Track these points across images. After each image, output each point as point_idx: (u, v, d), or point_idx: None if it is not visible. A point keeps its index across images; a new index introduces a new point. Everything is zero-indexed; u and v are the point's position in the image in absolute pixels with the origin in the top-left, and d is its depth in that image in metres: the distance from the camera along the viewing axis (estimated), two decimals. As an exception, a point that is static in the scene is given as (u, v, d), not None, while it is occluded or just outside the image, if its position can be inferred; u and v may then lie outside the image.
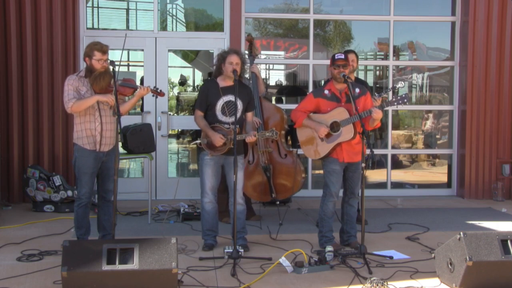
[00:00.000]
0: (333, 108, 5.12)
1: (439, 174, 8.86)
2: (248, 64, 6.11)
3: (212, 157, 5.13)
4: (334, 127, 5.11)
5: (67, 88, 4.90)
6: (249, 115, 5.27)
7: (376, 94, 5.86)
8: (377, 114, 4.94)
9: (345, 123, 5.05)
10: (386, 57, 8.69)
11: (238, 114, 5.13)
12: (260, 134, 5.09)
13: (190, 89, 11.02)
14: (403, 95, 4.99)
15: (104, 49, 4.93)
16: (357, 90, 5.17)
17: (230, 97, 5.06)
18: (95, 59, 4.91)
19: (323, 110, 5.17)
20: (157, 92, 5.14)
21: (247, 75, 6.24)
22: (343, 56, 5.13)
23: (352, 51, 5.99)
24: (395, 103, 4.99)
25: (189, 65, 10.60)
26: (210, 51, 8.01)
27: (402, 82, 6.42)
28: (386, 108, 5.20)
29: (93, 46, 4.95)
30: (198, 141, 5.17)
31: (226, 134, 5.04)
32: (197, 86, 10.84)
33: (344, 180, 5.34)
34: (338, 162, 5.17)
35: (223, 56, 5.13)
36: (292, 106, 6.47)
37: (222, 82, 5.17)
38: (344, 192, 5.39)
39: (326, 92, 5.19)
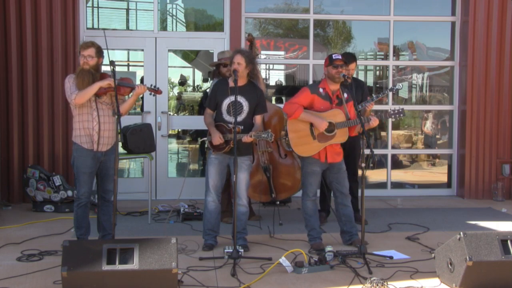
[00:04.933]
0: (327, 108, 5.14)
1: (439, 174, 8.86)
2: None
3: (217, 156, 5.13)
4: (329, 127, 5.11)
5: (68, 85, 4.92)
6: (257, 118, 5.19)
7: (370, 100, 5.93)
8: (375, 123, 5.05)
9: (341, 126, 5.08)
10: (386, 57, 8.69)
11: (244, 115, 5.11)
12: (255, 134, 5.06)
13: (190, 89, 11.02)
14: (400, 109, 5.15)
15: (84, 45, 4.96)
16: (345, 95, 5.18)
17: (238, 98, 5.03)
18: (80, 55, 4.94)
19: (316, 107, 5.17)
20: (154, 90, 5.13)
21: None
22: (340, 56, 5.17)
23: (354, 60, 5.99)
24: (392, 116, 5.16)
25: (189, 65, 10.60)
26: (210, 51, 8.01)
27: (400, 84, 6.50)
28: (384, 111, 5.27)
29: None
30: (204, 138, 5.20)
31: (228, 133, 5.03)
32: (197, 86, 10.84)
33: (329, 183, 5.38)
34: (319, 163, 5.19)
35: (232, 56, 5.16)
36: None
37: (232, 82, 5.16)
38: (334, 194, 5.39)
39: (321, 90, 5.21)
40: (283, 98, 9.51)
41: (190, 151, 9.81)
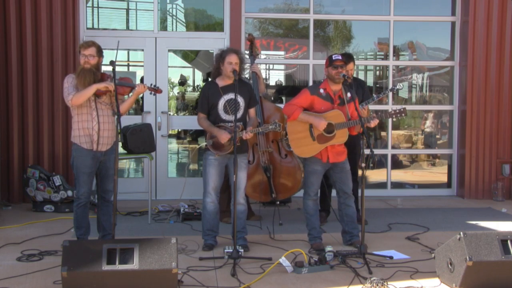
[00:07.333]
0: (328, 108, 5.13)
1: (439, 174, 8.86)
2: (248, 64, 6.13)
3: (217, 157, 5.12)
4: (328, 128, 5.11)
5: (66, 85, 4.93)
6: (252, 111, 5.25)
7: (370, 100, 5.90)
8: (375, 123, 5.02)
9: (341, 126, 5.06)
10: (386, 57, 8.68)
11: (241, 112, 5.13)
12: (263, 127, 5.06)
13: (190, 89, 11.02)
14: (401, 109, 5.07)
15: (84, 44, 4.97)
16: (349, 94, 5.18)
17: (231, 95, 5.04)
18: (81, 54, 4.93)
19: (317, 108, 5.16)
20: (154, 89, 5.13)
21: (247, 75, 6.25)
22: (340, 57, 5.16)
23: (351, 60, 5.98)
24: (393, 116, 5.09)
25: (189, 65, 10.61)
26: (210, 51, 8.02)
27: (401, 84, 6.47)
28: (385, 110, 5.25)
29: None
30: (204, 144, 5.18)
31: (231, 132, 5.02)
32: (197, 86, 10.84)
33: (333, 182, 5.38)
34: (321, 162, 5.19)
35: (221, 56, 5.12)
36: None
37: (221, 82, 5.16)
38: (337, 193, 5.39)
39: (322, 91, 5.20)
40: (283, 98, 9.51)
41: (190, 151, 9.81)
